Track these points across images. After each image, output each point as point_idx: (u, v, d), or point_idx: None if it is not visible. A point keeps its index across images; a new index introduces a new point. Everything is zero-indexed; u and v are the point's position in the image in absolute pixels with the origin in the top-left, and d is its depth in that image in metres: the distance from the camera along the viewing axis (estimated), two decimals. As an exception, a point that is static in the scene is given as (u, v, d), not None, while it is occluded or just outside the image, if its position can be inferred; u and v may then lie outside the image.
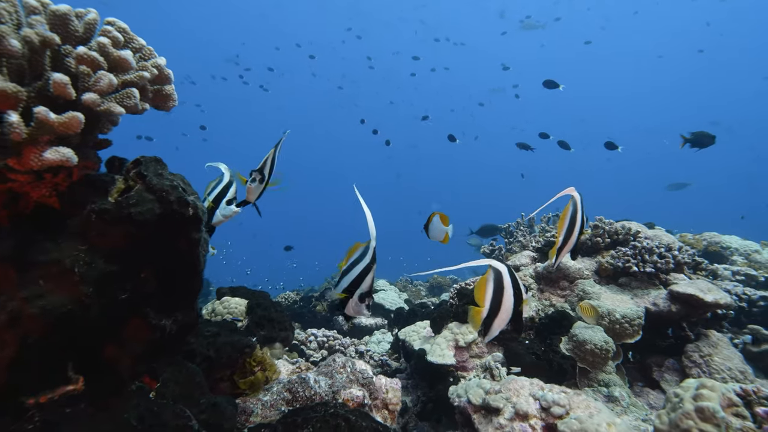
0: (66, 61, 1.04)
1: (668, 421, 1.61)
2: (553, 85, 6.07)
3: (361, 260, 1.27)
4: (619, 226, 3.07)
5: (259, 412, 1.53)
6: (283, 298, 5.50)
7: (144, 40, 1.20)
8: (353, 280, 1.26)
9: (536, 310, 2.84)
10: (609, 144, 5.51)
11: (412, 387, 3.13)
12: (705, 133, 4.30)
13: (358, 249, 1.31)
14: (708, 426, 1.48)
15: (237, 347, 1.66)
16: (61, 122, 0.92)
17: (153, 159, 1.20)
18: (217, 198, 1.71)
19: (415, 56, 16.13)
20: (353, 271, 1.27)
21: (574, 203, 1.82)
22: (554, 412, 1.71)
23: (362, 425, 1.13)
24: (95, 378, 1.10)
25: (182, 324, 1.30)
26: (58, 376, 1.03)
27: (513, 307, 1.42)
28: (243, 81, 16.14)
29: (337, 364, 1.81)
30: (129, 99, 1.08)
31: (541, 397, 1.77)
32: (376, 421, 1.23)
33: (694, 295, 2.40)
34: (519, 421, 1.73)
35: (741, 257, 4.33)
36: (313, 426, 1.10)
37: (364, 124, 10.07)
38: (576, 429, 1.61)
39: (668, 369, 2.51)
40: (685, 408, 1.56)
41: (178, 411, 1.07)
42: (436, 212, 2.02)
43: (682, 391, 1.65)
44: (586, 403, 1.76)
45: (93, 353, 1.09)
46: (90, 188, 1.11)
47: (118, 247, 1.06)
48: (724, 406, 1.52)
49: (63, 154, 0.93)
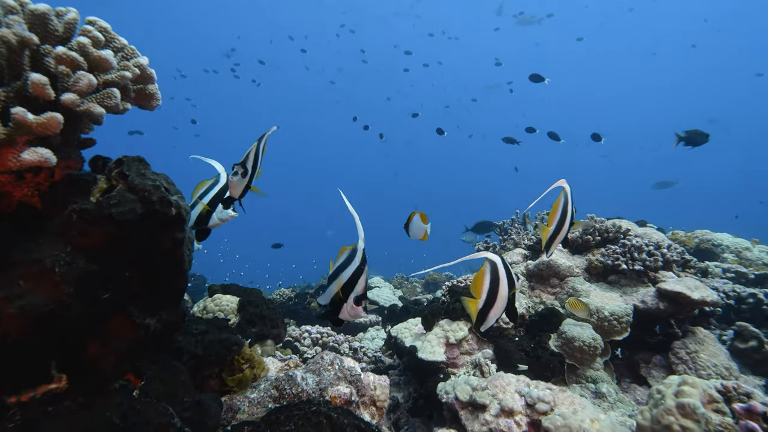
0: (45, 61, 1.03)
1: (650, 417, 1.63)
2: (538, 79, 6.11)
3: (350, 263, 1.24)
4: (609, 224, 3.09)
5: (246, 410, 1.54)
6: (278, 295, 5.51)
7: (126, 40, 1.20)
8: (345, 284, 1.22)
9: (527, 307, 2.86)
10: (595, 135, 5.61)
11: (404, 383, 3.16)
12: (699, 132, 4.33)
13: (344, 252, 1.28)
14: (688, 422, 1.50)
15: (225, 345, 1.67)
16: (39, 123, 0.92)
17: (135, 159, 1.21)
18: (214, 201, 1.68)
19: (407, 51, 16.05)
20: (343, 275, 1.23)
21: (565, 195, 1.87)
22: (539, 408, 1.73)
23: (344, 422, 1.14)
24: (79, 376, 1.11)
25: (167, 322, 1.31)
26: (40, 374, 1.04)
27: (507, 297, 1.49)
28: (234, 75, 16.05)
29: (325, 361, 1.83)
30: (110, 99, 1.08)
31: (526, 393, 1.79)
32: (359, 418, 1.24)
33: (681, 293, 2.43)
34: (504, 417, 1.76)
35: (732, 254, 4.37)
36: (295, 423, 1.11)
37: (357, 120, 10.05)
38: (560, 425, 1.63)
39: (655, 365, 2.54)
40: (666, 404, 1.58)
41: (161, 409, 1.08)
42: (416, 212, 2.04)
43: (664, 387, 1.67)
44: (571, 399, 1.78)
45: (76, 352, 1.10)
46: (72, 188, 1.11)
47: (99, 247, 1.06)
48: (704, 402, 1.54)
49: (41, 155, 0.93)
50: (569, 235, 3.14)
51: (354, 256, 1.23)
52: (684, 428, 1.50)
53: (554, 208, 1.90)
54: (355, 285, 1.22)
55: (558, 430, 1.63)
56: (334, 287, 1.24)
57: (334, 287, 1.24)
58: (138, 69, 1.19)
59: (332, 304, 1.26)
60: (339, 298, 1.23)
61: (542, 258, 3.03)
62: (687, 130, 4.34)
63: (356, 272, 1.22)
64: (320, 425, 1.12)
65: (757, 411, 1.25)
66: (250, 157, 1.34)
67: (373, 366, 3.68)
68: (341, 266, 1.25)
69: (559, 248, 3.13)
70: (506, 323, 2.69)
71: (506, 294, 1.48)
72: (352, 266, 1.22)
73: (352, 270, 1.22)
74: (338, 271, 1.25)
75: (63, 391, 1.08)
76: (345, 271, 1.23)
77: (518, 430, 1.70)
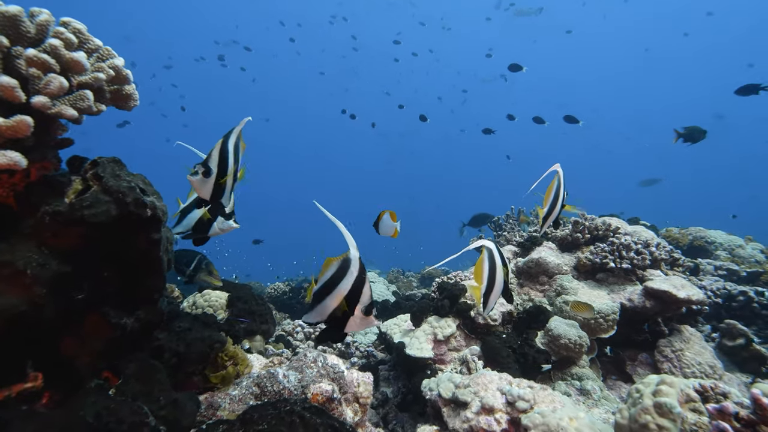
0: (17, 63, 1.04)
1: (629, 415, 1.65)
2: (516, 68, 6.11)
3: (346, 274, 1.12)
4: (599, 222, 3.09)
5: (226, 407, 1.56)
6: (273, 289, 5.54)
7: (100, 41, 1.20)
8: (347, 296, 1.11)
9: (515, 304, 2.87)
10: (569, 117, 5.63)
11: (393, 378, 3.18)
12: (697, 128, 4.34)
13: (332, 264, 1.15)
14: (665, 421, 1.52)
15: (207, 343, 1.68)
16: (8, 126, 0.93)
17: (111, 160, 1.21)
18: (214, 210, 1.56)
19: (395, 41, 15.91)
20: (341, 287, 1.12)
21: (558, 178, 2.04)
22: (519, 406, 1.75)
23: (317, 422, 1.16)
24: (55, 375, 1.12)
25: (145, 321, 1.32)
26: (15, 373, 1.05)
27: (503, 280, 1.62)
28: (222, 64, 15.98)
29: (308, 359, 1.84)
30: (82, 101, 1.08)
31: (507, 391, 1.81)
32: (333, 418, 1.26)
33: (667, 292, 2.44)
34: (485, 415, 1.77)
35: (725, 252, 4.37)
36: (268, 423, 1.13)
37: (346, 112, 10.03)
38: (538, 423, 1.65)
39: (641, 363, 2.56)
40: (644, 403, 1.60)
41: (135, 408, 1.10)
42: (385, 210, 2.06)
43: (643, 386, 1.68)
44: (551, 397, 1.80)
45: (52, 351, 1.11)
46: (46, 189, 1.12)
47: (73, 248, 1.07)
48: (682, 402, 1.55)
49: (10, 158, 0.94)
50: (559, 232, 3.15)
51: (348, 266, 1.13)
52: (660, 427, 1.52)
53: (548, 191, 2.07)
54: (359, 295, 1.12)
55: (537, 428, 1.65)
56: (330, 302, 1.12)
57: (331, 302, 1.12)
58: (113, 70, 1.19)
59: (332, 320, 1.15)
60: (342, 313, 1.13)
61: (531, 255, 3.04)
62: (686, 127, 4.34)
63: (357, 282, 1.12)
64: (293, 425, 1.13)
65: (729, 412, 1.27)
66: (214, 156, 1.21)
67: (365, 361, 3.71)
68: (334, 278, 1.14)
69: (549, 246, 3.14)
70: (493, 321, 2.71)
71: (503, 278, 1.61)
72: (349, 277, 1.12)
73: (352, 280, 1.12)
74: (332, 284, 1.13)
75: (39, 389, 1.10)
76: (342, 283, 1.12)
77: (498, 428, 1.72)
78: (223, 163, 1.22)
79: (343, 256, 1.14)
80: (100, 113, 1.20)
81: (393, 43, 15.98)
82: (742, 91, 4.30)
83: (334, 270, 1.14)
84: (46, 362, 1.11)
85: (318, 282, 1.15)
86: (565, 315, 2.66)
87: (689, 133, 4.29)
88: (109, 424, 1.05)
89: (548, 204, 2.06)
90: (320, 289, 1.14)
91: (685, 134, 4.29)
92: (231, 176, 1.25)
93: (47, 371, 1.11)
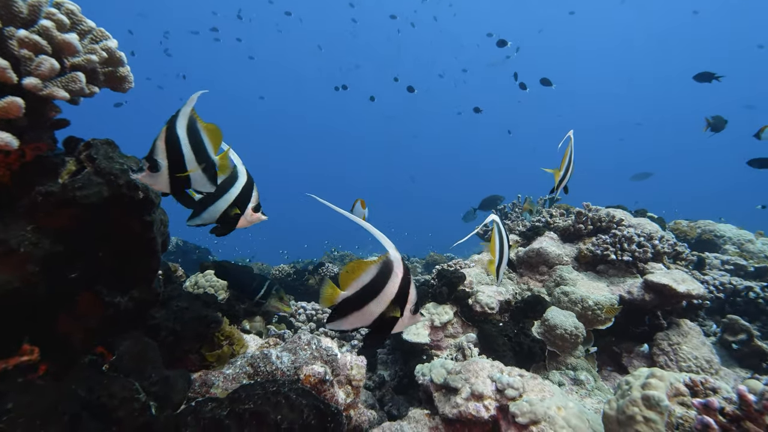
0: (9, 44, 1.05)
1: (617, 407, 1.66)
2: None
3: (391, 275, 1.06)
4: (603, 213, 3.05)
5: (220, 385, 1.60)
6: (277, 271, 5.61)
7: (94, 23, 1.20)
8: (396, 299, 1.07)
9: (513, 293, 2.88)
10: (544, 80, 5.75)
11: (391, 362, 3.23)
12: (720, 117, 4.37)
13: (371, 267, 1.07)
14: (652, 413, 1.52)
15: (203, 322, 1.72)
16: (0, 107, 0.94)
17: (104, 141, 1.23)
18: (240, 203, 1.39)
19: (392, 15, 15.57)
20: (385, 293, 1.06)
21: (570, 144, 2.16)
22: (508, 394, 1.77)
23: (302, 402, 1.19)
24: (50, 350, 1.17)
25: (140, 300, 1.36)
26: (11, 347, 1.09)
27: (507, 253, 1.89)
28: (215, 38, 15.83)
29: (302, 341, 1.88)
30: (74, 83, 1.09)
31: (497, 379, 1.83)
32: (319, 399, 1.28)
33: (667, 285, 2.42)
34: (474, 401, 1.80)
35: (734, 246, 4.30)
36: (254, 402, 1.16)
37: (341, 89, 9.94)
38: (525, 411, 1.67)
39: (637, 355, 2.56)
40: (632, 395, 1.60)
41: (126, 384, 1.14)
42: (358, 199, 2.14)
43: (633, 379, 1.69)
44: (541, 386, 1.82)
45: (47, 327, 1.15)
46: (41, 169, 1.14)
47: (65, 228, 1.10)
48: (670, 395, 1.56)
49: (1, 138, 0.96)
50: (561, 223, 3.12)
51: (392, 268, 1.07)
52: (647, 419, 1.53)
53: (564, 156, 2.20)
54: (407, 296, 1.09)
55: (524, 415, 1.67)
56: (376, 308, 1.07)
57: (377, 307, 1.07)
58: (106, 52, 1.19)
59: (377, 324, 1.10)
60: (391, 317, 1.09)
61: (532, 245, 3.03)
62: (713, 116, 4.36)
63: (404, 283, 1.08)
64: (278, 405, 1.17)
65: (714, 407, 1.26)
66: (159, 146, 1.04)
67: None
68: (376, 282, 1.07)
69: (551, 236, 3.12)
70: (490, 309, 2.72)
71: (508, 252, 1.89)
72: (394, 279, 1.06)
73: (398, 282, 1.06)
74: (373, 289, 1.06)
75: (35, 362, 1.14)
76: (388, 287, 1.07)
77: (486, 414, 1.75)
78: (175, 153, 1.06)
79: (382, 258, 1.08)
80: (94, 95, 1.21)
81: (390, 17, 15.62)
82: (698, 77, 4.45)
83: (374, 274, 1.07)
84: (42, 338, 1.15)
85: (350, 287, 1.07)
86: (562, 305, 2.66)
87: (715, 122, 4.30)
88: (101, 398, 1.10)
89: (563, 168, 2.19)
90: (359, 294, 1.07)
91: (712, 123, 4.30)
92: (196, 166, 1.10)
93: (43, 346, 1.15)
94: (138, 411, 1.11)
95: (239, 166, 1.33)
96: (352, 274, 1.07)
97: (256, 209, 1.41)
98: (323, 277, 1.25)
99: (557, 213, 3.40)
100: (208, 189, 1.15)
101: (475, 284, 2.95)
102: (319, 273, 5.49)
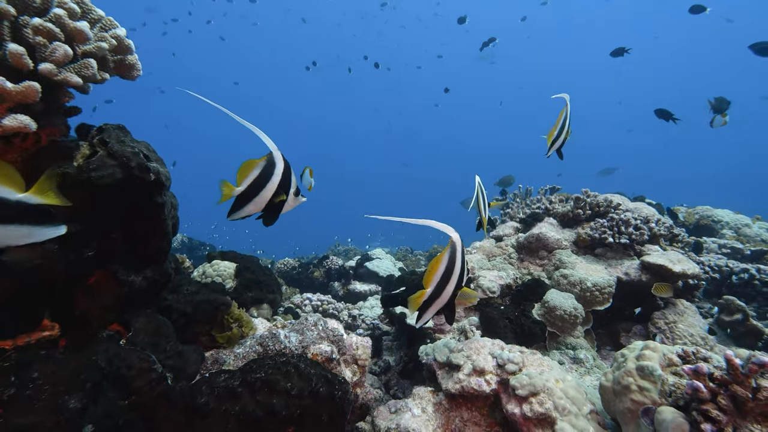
0: (24, 32, 1.10)
1: (612, 378, 1.72)
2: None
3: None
4: (601, 199, 3.10)
5: (231, 363, 1.66)
6: (282, 264, 5.67)
7: (103, 12, 1.25)
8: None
9: (514, 278, 2.93)
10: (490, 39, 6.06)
11: (396, 348, 3.30)
12: (722, 98, 4.42)
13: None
14: (645, 382, 1.58)
15: (213, 305, 1.78)
16: (18, 91, 0.99)
17: (116, 126, 1.28)
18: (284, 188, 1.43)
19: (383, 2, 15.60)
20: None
21: (566, 108, 2.16)
22: (508, 369, 1.82)
23: (310, 372, 1.25)
24: (70, 325, 1.22)
25: (152, 280, 1.41)
26: (34, 322, 1.15)
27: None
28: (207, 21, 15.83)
29: (309, 322, 1.94)
30: (87, 69, 1.14)
31: (498, 355, 1.88)
32: (327, 370, 1.34)
33: (663, 266, 2.47)
34: (476, 376, 1.86)
35: (731, 231, 4.34)
36: (265, 371, 1.22)
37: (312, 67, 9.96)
38: (525, 383, 1.73)
39: (635, 334, 2.61)
40: (627, 366, 1.66)
41: (143, 356, 1.20)
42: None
43: (628, 351, 1.74)
44: (540, 361, 1.87)
45: (66, 304, 1.21)
46: (56, 153, 1.19)
47: (81, 209, 1.15)
48: (663, 366, 1.61)
49: (21, 121, 1.01)
50: (560, 208, 3.17)
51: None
52: (641, 388, 1.58)
53: (558, 118, 2.20)
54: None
55: (524, 388, 1.73)
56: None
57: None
58: (115, 40, 1.24)
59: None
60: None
61: (532, 231, 3.08)
62: (716, 97, 4.43)
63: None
64: (288, 374, 1.22)
65: (703, 372, 1.32)
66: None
67: (370, 332, 3.83)
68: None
69: (550, 221, 3.17)
70: (491, 293, 2.77)
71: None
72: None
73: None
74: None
75: (56, 337, 1.20)
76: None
77: (488, 388, 1.81)
78: None
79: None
80: (105, 82, 1.26)
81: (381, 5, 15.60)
82: (657, 113, 4.49)
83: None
84: (61, 314, 1.21)
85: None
86: (562, 288, 2.72)
87: (718, 104, 4.36)
88: (120, 369, 1.16)
89: (557, 129, 2.19)
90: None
91: (715, 105, 4.36)
92: None
93: (63, 322, 1.21)
94: (155, 381, 1.17)
95: (275, 151, 1.32)
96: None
97: (296, 193, 1.46)
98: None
99: (556, 199, 3.45)
100: None
101: (477, 269, 3.01)
102: (323, 266, 5.55)
